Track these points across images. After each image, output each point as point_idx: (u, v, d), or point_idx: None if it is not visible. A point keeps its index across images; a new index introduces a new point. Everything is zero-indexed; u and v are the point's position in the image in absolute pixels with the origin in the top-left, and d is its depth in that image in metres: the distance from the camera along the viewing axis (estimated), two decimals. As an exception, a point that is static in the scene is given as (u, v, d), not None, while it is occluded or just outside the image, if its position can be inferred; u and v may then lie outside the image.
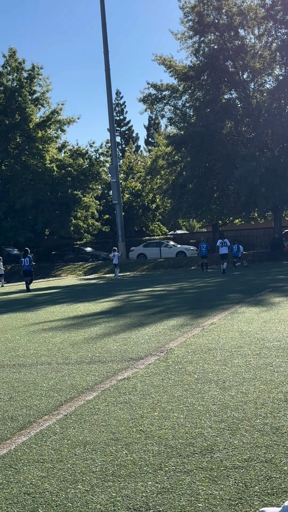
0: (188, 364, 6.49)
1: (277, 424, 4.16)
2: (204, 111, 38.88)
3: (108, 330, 10.01)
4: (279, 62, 39.90)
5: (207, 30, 39.84)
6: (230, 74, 40.34)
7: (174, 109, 42.59)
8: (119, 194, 41.38)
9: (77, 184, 45.69)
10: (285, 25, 38.60)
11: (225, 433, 4.06)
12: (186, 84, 41.11)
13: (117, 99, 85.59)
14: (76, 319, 12.18)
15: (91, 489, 3.28)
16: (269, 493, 3.06)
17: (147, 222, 58.03)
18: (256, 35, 40.09)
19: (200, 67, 40.17)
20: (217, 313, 11.22)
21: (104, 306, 14.61)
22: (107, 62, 42.13)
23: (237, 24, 39.19)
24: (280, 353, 6.70)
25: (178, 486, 3.23)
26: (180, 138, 39.83)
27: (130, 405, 4.97)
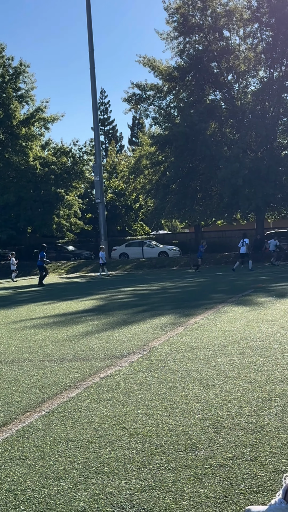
0: (172, 363, 6.46)
1: (261, 422, 4.14)
2: (188, 112, 38.92)
3: (91, 328, 9.95)
4: (264, 64, 40.07)
5: (191, 31, 39.89)
6: (215, 75, 40.43)
7: (159, 109, 42.61)
8: (102, 193, 41.29)
9: (60, 182, 45.49)
10: (270, 28, 38.74)
11: (210, 431, 4.02)
12: (170, 84, 41.14)
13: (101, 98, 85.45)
14: (58, 317, 12.10)
15: (74, 486, 3.23)
16: (255, 491, 3.03)
17: (129, 221, 57.97)
18: (241, 37, 40.24)
19: (185, 68, 40.23)
20: (200, 312, 11.20)
21: (86, 305, 14.54)
22: (92, 60, 42.02)
23: (222, 25, 39.31)
24: (264, 353, 6.68)
25: (162, 484, 3.19)
26: (164, 138, 39.84)
27: (113, 403, 4.92)
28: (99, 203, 41.56)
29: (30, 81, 45.46)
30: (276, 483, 3.09)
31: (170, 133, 39.05)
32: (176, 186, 40.22)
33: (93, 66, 41.95)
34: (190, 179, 40.29)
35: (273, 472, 3.25)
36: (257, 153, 38.80)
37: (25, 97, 45.35)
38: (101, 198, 41.15)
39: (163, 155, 41.47)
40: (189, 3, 39.48)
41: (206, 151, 37.28)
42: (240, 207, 38.45)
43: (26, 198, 43.05)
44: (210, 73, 40.34)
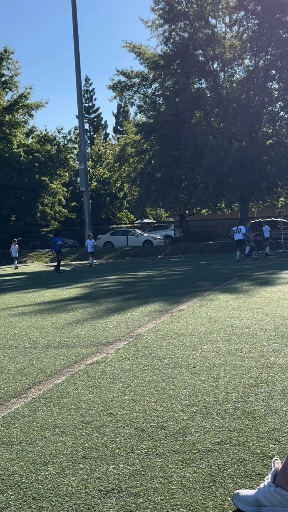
0: (158, 349, 6.46)
1: (248, 408, 4.15)
2: (173, 100, 38.85)
3: (76, 315, 9.93)
4: (249, 52, 40.07)
5: (177, 19, 39.76)
6: (200, 64, 40.35)
7: (144, 97, 42.50)
8: (86, 181, 41.14)
9: (45, 170, 45.30)
10: (256, 16, 38.73)
11: (197, 416, 4.03)
12: (156, 72, 41.03)
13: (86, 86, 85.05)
14: (43, 304, 12.06)
15: (62, 471, 3.22)
16: (243, 476, 3.03)
17: (114, 210, 57.88)
18: (227, 24, 40.17)
19: (170, 56, 40.11)
20: (185, 300, 11.22)
21: (71, 293, 14.51)
22: (76, 47, 41.70)
23: (208, 12, 39.20)
24: (249, 340, 6.70)
25: (150, 468, 3.19)
26: (149, 126, 39.78)
27: (100, 389, 4.91)
28: (83, 191, 41.42)
29: (14, 68, 45.21)
30: (264, 468, 3.10)
31: (155, 122, 38.98)
32: (161, 174, 40.20)
33: (78, 53, 41.64)
34: (175, 168, 40.29)
35: (260, 457, 3.25)
36: (242, 142, 38.86)
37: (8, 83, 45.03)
38: (86, 187, 41.01)
39: (148, 144, 41.42)
40: (175, -10, 39.32)
41: (191, 140, 37.28)
42: (225, 196, 38.55)
43: (10, 186, 42.80)
44: (195, 61, 40.27)
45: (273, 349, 6.11)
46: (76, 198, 52.67)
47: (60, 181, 48.03)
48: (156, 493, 2.88)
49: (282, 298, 10.77)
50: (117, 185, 52.08)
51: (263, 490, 2.64)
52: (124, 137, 46.33)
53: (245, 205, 40.73)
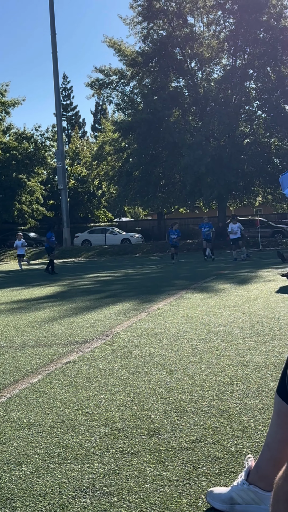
0: (134, 348, 6.46)
1: (223, 406, 4.17)
2: (151, 98, 38.86)
3: (53, 314, 9.89)
4: (227, 52, 40.21)
5: (156, 16, 39.79)
6: (178, 62, 40.41)
7: (122, 95, 42.47)
8: (64, 179, 41.00)
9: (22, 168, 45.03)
10: (233, 15, 38.87)
11: (172, 415, 4.04)
12: (134, 70, 41.01)
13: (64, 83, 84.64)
14: (20, 303, 11.99)
15: (36, 471, 3.21)
16: (217, 474, 3.05)
17: (92, 208, 57.75)
18: (205, 24, 40.27)
19: (149, 54, 40.10)
20: (162, 298, 11.24)
21: (48, 291, 14.45)
22: (54, 45, 41.52)
23: (186, 11, 39.25)
24: (225, 338, 6.74)
25: (125, 467, 3.19)
26: (127, 124, 39.73)
27: (76, 388, 4.90)
28: (61, 189, 41.29)
29: (-9, 65, 44.81)
30: (238, 465, 3.12)
31: (133, 120, 38.97)
32: (139, 173, 40.19)
33: (55, 50, 41.48)
34: (153, 166, 40.32)
35: (235, 455, 3.27)
36: (219, 141, 38.98)
37: (-15, 81, 44.66)
38: (64, 185, 40.88)
39: (126, 142, 41.39)
40: (153, -12, 39.33)
41: (169, 138, 37.32)
42: (203, 195, 38.65)
43: (-13, 184, 42.53)
44: (173, 60, 40.33)
45: (249, 347, 6.15)
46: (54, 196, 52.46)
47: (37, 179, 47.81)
48: (130, 492, 2.89)
49: (259, 296, 10.84)
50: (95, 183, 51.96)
51: (236, 488, 2.66)
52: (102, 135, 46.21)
53: (223, 203, 40.89)
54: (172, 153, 38.51)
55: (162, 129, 37.59)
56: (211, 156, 35.75)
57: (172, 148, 38.22)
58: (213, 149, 36.81)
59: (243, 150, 38.56)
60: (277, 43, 38.09)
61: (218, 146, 37.95)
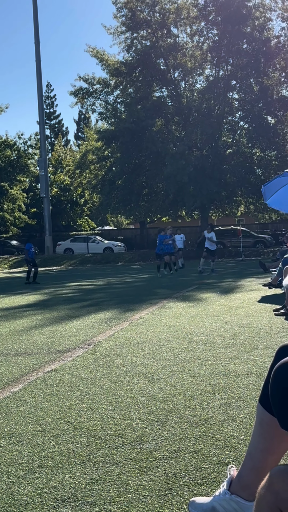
0: (117, 357, 6.45)
1: (205, 415, 4.17)
2: (135, 108, 38.99)
3: (35, 322, 9.85)
4: (210, 62, 40.49)
5: (139, 27, 40.02)
6: (162, 72, 40.63)
7: (105, 104, 42.57)
8: (47, 187, 40.92)
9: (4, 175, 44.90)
10: (216, 26, 39.16)
11: (154, 424, 4.03)
12: (117, 79, 41.16)
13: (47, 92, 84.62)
14: (1, 311, 11.92)
15: (17, 480, 3.18)
16: (199, 483, 3.04)
17: (75, 217, 57.71)
18: (189, 34, 40.54)
19: (132, 64, 40.27)
20: (145, 307, 11.24)
21: (30, 299, 14.38)
22: (38, 53, 41.54)
23: (170, 22, 39.51)
24: (208, 347, 6.75)
25: (107, 477, 3.18)
26: (110, 133, 39.81)
27: (57, 397, 4.88)
28: (44, 197, 41.20)
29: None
30: (220, 475, 3.12)
31: (117, 129, 39.04)
32: (122, 182, 40.26)
33: (39, 58, 41.49)
34: (136, 175, 40.41)
35: (216, 464, 3.27)
36: (202, 151, 39.19)
37: None
38: (46, 193, 40.80)
39: (109, 151, 41.45)
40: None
41: (152, 148, 37.43)
42: (185, 204, 38.82)
43: None
44: (157, 70, 40.53)
45: (231, 356, 6.16)
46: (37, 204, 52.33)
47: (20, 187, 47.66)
48: (112, 502, 2.88)
49: (241, 306, 10.88)
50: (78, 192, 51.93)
51: (218, 498, 2.66)
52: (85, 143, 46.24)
53: (205, 213, 41.04)
54: (155, 162, 38.63)
55: (145, 139, 37.71)
56: (193, 166, 35.91)
57: (155, 158, 38.34)
58: (195, 159, 36.98)
59: (226, 160, 38.80)
60: (260, 54, 38.45)
61: (200, 156, 38.13)
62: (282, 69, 39.27)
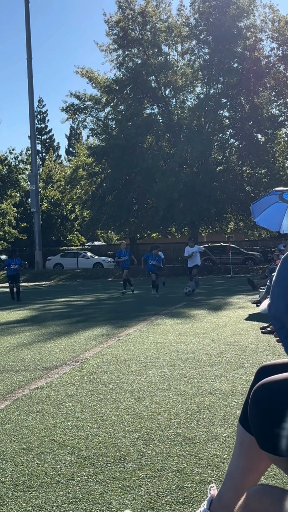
0: (103, 374, 6.46)
1: (189, 434, 4.19)
2: (126, 124, 39.18)
3: (22, 339, 9.83)
4: (201, 80, 40.81)
5: (131, 45, 40.35)
6: (153, 89, 40.91)
7: (96, 121, 42.76)
8: (37, 202, 40.96)
9: (-5, 190, 44.95)
10: (207, 45, 39.55)
11: (139, 443, 4.05)
12: (109, 96, 41.40)
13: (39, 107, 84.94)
14: (-11, 327, 11.89)
15: (0, 499, 3.19)
16: (181, 502, 3.07)
17: (65, 232, 57.71)
18: (180, 53, 40.91)
19: (123, 81, 40.57)
20: (133, 324, 11.25)
21: (18, 315, 14.36)
22: (30, 69, 41.76)
23: (161, 40, 39.88)
24: (194, 365, 6.77)
25: (90, 496, 3.19)
26: (101, 149, 39.98)
27: (43, 415, 4.88)
28: (34, 212, 41.22)
29: None
30: (202, 494, 3.14)
31: (107, 145, 39.21)
32: (112, 197, 40.36)
33: (31, 74, 41.70)
34: (127, 191, 40.52)
35: (199, 483, 3.29)
36: (192, 168, 39.40)
37: None
38: (37, 208, 40.83)
39: (100, 167, 41.58)
40: (129, 17, 39.89)
41: (142, 164, 37.58)
42: (175, 221, 38.94)
43: None
44: (148, 87, 40.80)
45: (217, 374, 6.19)
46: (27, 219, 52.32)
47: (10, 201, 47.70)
48: (94, 521, 2.89)
49: (228, 323, 10.92)
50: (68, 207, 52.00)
51: (199, 517, 2.68)
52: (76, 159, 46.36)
53: (195, 230, 41.16)
54: (146, 179, 38.76)
55: (136, 155, 37.87)
56: (184, 183, 36.09)
57: (145, 174, 38.48)
58: (186, 176, 37.17)
59: (216, 177, 39.01)
60: (250, 73, 38.85)
61: (191, 173, 38.34)
62: (272, 88, 39.65)
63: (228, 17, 38.03)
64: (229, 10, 38.06)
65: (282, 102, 40.28)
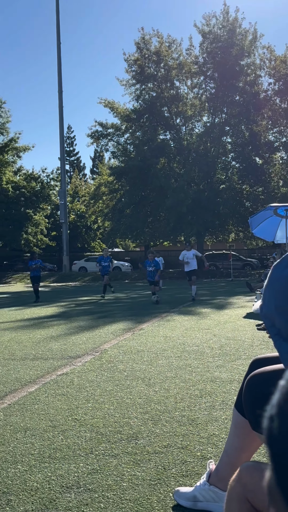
0: (119, 363, 6.47)
1: (193, 416, 4.19)
2: (142, 148, 39.23)
3: (51, 332, 9.87)
4: (207, 111, 40.78)
5: (147, 80, 40.37)
6: (166, 118, 40.92)
7: (117, 145, 42.80)
8: (65, 214, 41.07)
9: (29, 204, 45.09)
10: (213, 81, 39.52)
11: (149, 423, 4.05)
12: (128, 124, 41.45)
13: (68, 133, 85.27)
14: (22, 321, 11.95)
15: (30, 469, 3.21)
16: (184, 475, 3.07)
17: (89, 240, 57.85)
18: (189, 87, 40.90)
19: (140, 111, 40.61)
20: (146, 320, 11.25)
21: (48, 311, 14.41)
22: (60, 100, 41.94)
23: (173, 76, 39.90)
24: (198, 356, 6.76)
25: (106, 468, 3.20)
26: (121, 169, 40.03)
27: (67, 397, 4.90)
28: (62, 223, 41.32)
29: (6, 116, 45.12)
30: (202, 468, 3.14)
31: (126, 166, 39.27)
32: (130, 211, 40.39)
33: (61, 105, 41.88)
34: (142, 206, 40.55)
35: (200, 459, 3.29)
36: (199, 185, 39.35)
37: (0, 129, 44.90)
38: (65, 219, 40.94)
39: (120, 184, 41.63)
40: (146, 56, 39.96)
41: (156, 183, 37.61)
42: (184, 231, 38.87)
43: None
44: (161, 116, 40.82)
45: (217, 365, 6.18)
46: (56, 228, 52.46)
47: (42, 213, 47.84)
48: (109, 489, 2.90)
49: (228, 320, 10.88)
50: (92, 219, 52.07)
51: (199, 488, 2.68)
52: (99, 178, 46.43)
53: (201, 239, 41.08)
54: (159, 195, 38.76)
55: (151, 175, 37.88)
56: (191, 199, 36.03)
57: (158, 191, 38.48)
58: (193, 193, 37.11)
59: (219, 194, 38.91)
60: (250, 105, 38.74)
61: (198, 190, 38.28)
62: (269, 118, 39.50)
63: (231, 56, 38.00)
64: (232, 50, 38.03)
65: (278, 130, 40.11)
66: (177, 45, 40.32)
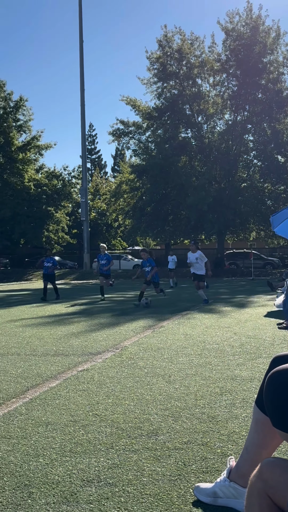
0: (140, 360, 6.49)
1: (213, 413, 4.19)
2: (163, 146, 39.23)
3: (72, 328, 9.93)
4: (229, 109, 40.60)
5: (169, 78, 40.32)
6: (187, 116, 40.84)
7: (138, 143, 42.87)
8: (86, 212, 41.27)
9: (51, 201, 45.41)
10: (236, 78, 39.33)
11: (169, 419, 4.06)
12: (149, 122, 41.47)
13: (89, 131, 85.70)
14: (44, 318, 12.04)
15: (51, 462, 3.25)
16: (204, 471, 3.07)
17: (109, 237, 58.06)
18: (211, 84, 40.75)
19: (162, 109, 40.60)
20: (166, 318, 11.25)
21: (69, 308, 14.49)
22: (82, 99, 42.17)
23: (195, 74, 39.77)
24: (218, 354, 6.75)
25: (126, 462, 3.22)
26: (142, 167, 40.07)
27: (87, 393, 4.94)
28: (83, 220, 41.53)
29: (28, 114, 45.47)
30: (222, 465, 3.15)
31: (147, 164, 39.29)
32: (151, 209, 40.44)
33: (83, 103, 42.09)
34: (163, 204, 40.55)
35: (220, 456, 3.30)
36: (220, 184, 39.23)
37: (23, 127, 45.26)
38: (86, 217, 41.13)
39: (141, 182, 41.67)
40: (168, 54, 39.90)
41: (177, 181, 37.58)
42: (205, 230, 38.80)
43: (21, 214, 42.88)
44: (183, 114, 40.75)
45: (238, 363, 6.16)
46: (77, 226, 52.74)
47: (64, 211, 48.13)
48: (129, 484, 2.92)
49: (249, 319, 10.83)
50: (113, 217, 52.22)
51: (219, 484, 2.69)
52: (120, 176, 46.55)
53: (221, 237, 40.97)
54: (180, 193, 38.73)
55: (172, 173, 37.85)
56: (212, 197, 35.92)
57: (179, 189, 38.44)
58: (214, 191, 37.01)
59: (241, 192, 38.73)
60: (273, 103, 38.45)
61: (219, 188, 38.17)
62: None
63: (254, 53, 37.76)
64: (255, 47, 37.79)
65: (301, 127, 39.78)
66: (200, 43, 40.21)
